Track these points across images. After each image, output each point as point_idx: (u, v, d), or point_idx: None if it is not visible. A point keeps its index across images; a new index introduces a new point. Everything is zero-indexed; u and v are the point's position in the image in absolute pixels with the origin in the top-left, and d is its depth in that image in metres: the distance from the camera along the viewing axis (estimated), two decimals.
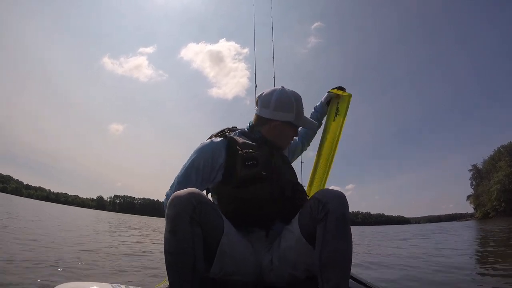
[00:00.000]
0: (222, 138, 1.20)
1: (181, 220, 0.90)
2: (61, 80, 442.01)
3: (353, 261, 0.97)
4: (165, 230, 0.92)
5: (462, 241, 8.67)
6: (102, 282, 1.09)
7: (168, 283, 0.94)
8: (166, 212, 0.95)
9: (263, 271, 1.12)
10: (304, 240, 1.03)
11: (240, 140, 1.21)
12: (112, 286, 1.05)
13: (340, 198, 0.98)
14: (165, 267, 0.93)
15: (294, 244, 1.06)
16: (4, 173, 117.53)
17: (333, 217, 0.94)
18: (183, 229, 0.90)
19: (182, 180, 1.15)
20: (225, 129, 1.34)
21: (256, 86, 2.58)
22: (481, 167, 51.96)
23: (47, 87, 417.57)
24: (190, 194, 0.93)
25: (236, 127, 1.36)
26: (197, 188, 1.11)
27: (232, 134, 1.26)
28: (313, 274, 1.06)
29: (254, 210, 1.14)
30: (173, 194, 0.94)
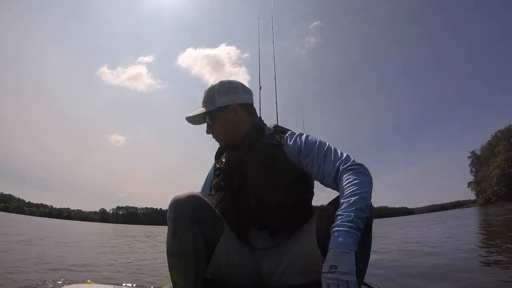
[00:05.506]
0: None
1: (181, 223, 0.90)
2: (59, 92, 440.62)
3: None
4: (167, 233, 0.93)
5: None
6: (105, 284, 1.20)
7: (170, 281, 0.96)
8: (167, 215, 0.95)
9: (264, 279, 1.10)
10: (319, 253, 0.92)
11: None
12: (114, 287, 1.17)
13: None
14: (167, 269, 0.95)
15: (306, 254, 0.99)
16: (5, 191, 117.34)
17: None
18: (184, 231, 0.90)
19: (204, 186, 1.32)
20: None
21: (260, 88, 2.64)
22: (479, 153, 52.05)
23: (45, 100, 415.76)
24: (189, 197, 0.93)
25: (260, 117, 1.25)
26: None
27: None
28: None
29: (226, 218, 1.08)
30: (173, 197, 0.94)
